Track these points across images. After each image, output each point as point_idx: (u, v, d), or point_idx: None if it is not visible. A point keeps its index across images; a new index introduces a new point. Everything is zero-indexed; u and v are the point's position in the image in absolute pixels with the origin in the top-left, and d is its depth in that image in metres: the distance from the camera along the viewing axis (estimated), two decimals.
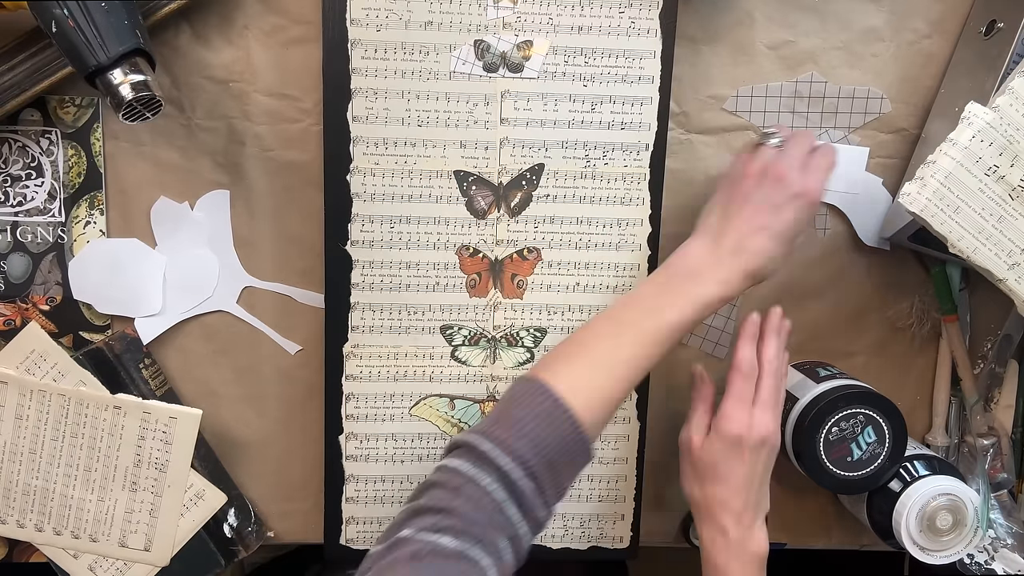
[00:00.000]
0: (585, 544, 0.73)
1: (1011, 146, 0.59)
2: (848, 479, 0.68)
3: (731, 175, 0.62)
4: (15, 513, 0.68)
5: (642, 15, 0.65)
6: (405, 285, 0.68)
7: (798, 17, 0.69)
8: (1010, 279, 0.61)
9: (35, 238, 0.68)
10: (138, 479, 0.68)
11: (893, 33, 0.70)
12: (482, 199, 0.67)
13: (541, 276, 0.69)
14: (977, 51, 0.67)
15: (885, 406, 0.68)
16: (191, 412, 0.68)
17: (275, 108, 0.68)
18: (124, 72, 0.55)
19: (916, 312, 0.74)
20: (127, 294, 0.69)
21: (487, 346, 0.69)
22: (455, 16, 0.64)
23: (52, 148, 0.67)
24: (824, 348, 0.75)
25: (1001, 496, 0.74)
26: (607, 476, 0.72)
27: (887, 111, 0.71)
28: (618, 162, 0.67)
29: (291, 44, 0.67)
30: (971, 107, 0.59)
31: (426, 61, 0.65)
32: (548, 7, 0.65)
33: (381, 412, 0.70)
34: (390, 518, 0.70)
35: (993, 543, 0.73)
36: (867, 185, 0.72)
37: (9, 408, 0.67)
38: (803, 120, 0.71)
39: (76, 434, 0.67)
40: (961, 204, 0.60)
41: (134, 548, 0.69)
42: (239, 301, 0.70)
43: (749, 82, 0.70)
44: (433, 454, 0.70)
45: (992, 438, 0.73)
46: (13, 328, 0.68)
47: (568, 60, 0.66)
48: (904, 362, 0.75)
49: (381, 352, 0.69)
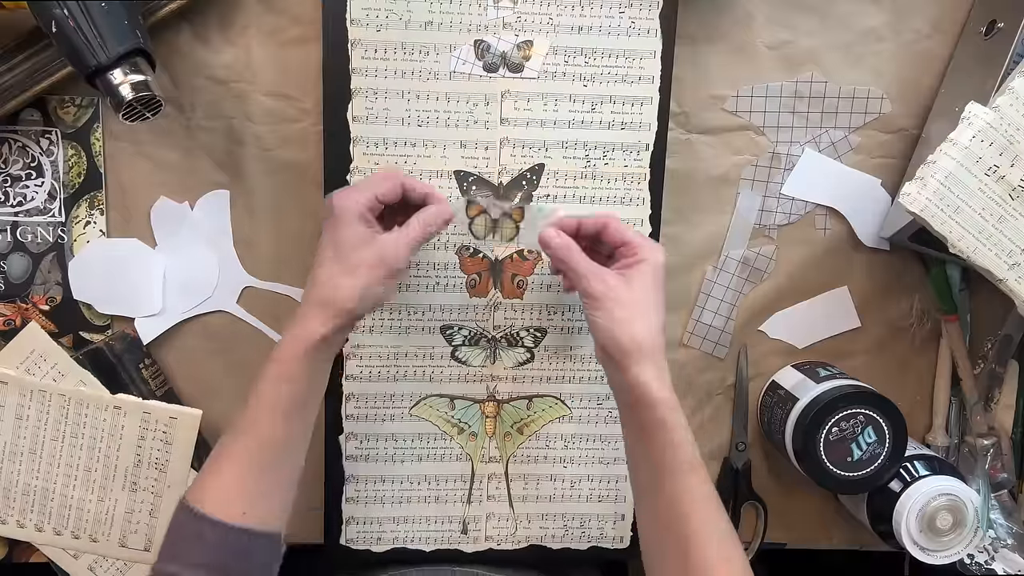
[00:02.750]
0: (585, 544, 0.73)
1: (1011, 146, 0.59)
2: (848, 479, 0.68)
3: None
4: (15, 513, 0.68)
5: (642, 15, 0.65)
6: (405, 285, 0.68)
7: (798, 17, 0.69)
8: (1010, 279, 0.61)
9: (35, 238, 0.68)
10: (138, 479, 0.68)
11: (893, 33, 0.70)
12: (482, 199, 0.67)
13: (541, 276, 0.69)
14: (977, 51, 0.67)
15: (885, 406, 0.68)
16: (191, 412, 0.68)
17: (275, 108, 0.68)
18: (124, 72, 0.55)
19: (916, 312, 0.74)
20: (127, 294, 0.69)
21: (487, 346, 0.69)
22: (455, 16, 0.64)
23: (52, 148, 0.67)
24: (824, 348, 0.75)
25: (1001, 496, 0.74)
26: (607, 476, 0.72)
27: (887, 111, 0.71)
28: (618, 162, 0.67)
29: (291, 44, 0.67)
30: (971, 107, 0.59)
31: (426, 61, 0.65)
32: (548, 7, 0.65)
33: (381, 412, 0.70)
34: (390, 518, 0.71)
35: (993, 543, 0.73)
36: (867, 185, 0.72)
37: (9, 408, 0.67)
38: (803, 120, 0.71)
39: (76, 434, 0.67)
40: (961, 204, 0.60)
41: (134, 548, 0.69)
42: (239, 301, 0.70)
43: (749, 82, 0.70)
44: (433, 454, 0.70)
45: (992, 438, 0.73)
46: (13, 328, 0.68)
47: (568, 60, 0.66)
48: (904, 362, 0.75)
49: (381, 352, 0.69)
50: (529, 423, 0.71)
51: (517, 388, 0.70)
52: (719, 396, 0.75)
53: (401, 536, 0.71)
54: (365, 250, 0.57)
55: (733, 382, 0.75)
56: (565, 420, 0.71)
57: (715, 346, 0.74)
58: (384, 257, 0.57)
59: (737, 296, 0.73)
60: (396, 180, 0.59)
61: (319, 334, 0.56)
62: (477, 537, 0.72)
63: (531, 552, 0.72)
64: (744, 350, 0.74)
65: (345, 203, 0.57)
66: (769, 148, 0.71)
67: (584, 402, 0.71)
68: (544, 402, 0.70)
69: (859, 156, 0.72)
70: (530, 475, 0.71)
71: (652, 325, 0.57)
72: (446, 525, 0.72)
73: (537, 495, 0.72)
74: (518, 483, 0.71)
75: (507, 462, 0.71)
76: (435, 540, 0.72)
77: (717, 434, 0.75)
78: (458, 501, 0.71)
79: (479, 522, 0.72)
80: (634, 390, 0.56)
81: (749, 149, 0.71)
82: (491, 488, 0.71)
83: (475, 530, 0.72)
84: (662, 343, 0.58)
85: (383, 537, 0.71)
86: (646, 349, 0.56)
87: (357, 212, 0.57)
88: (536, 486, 0.71)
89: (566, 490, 0.72)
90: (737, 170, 0.71)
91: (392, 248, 0.57)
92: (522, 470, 0.71)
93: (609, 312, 0.57)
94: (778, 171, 0.71)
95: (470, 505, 0.71)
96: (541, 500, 0.72)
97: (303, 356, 0.56)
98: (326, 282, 0.57)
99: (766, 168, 0.71)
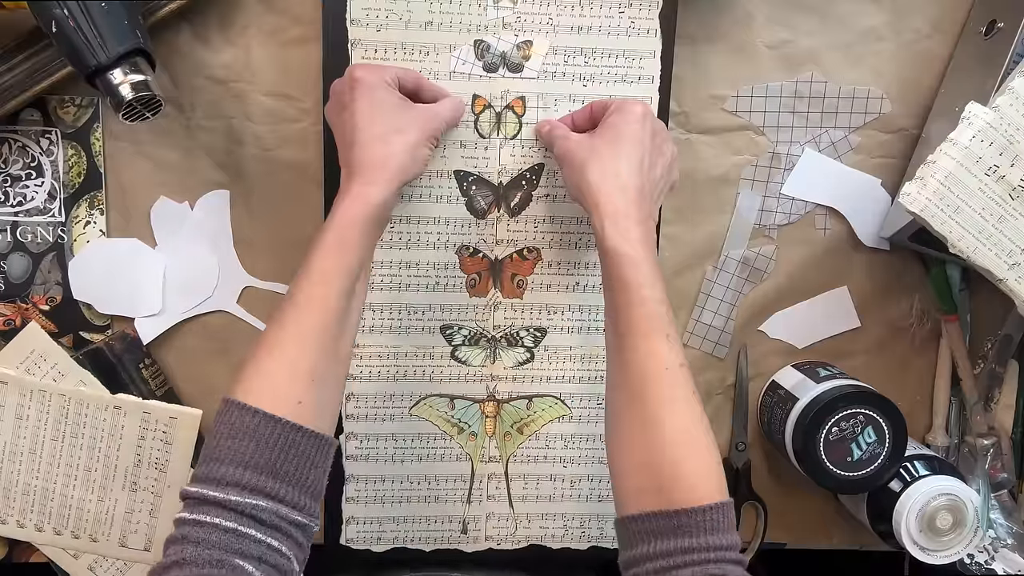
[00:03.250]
0: (585, 544, 0.73)
1: (1011, 146, 0.59)
2: (848, 479, 0.68)
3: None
4: (15, 513, 0.68)
5: (642, 15, 0.65)
6: (405, 285, 0.68)
7: (798, 17, 0.69)
8: (1010, 279, 0.61)
9: (35, 238, 0.68)
10: (138, 479, 0.68)
11: (893, 33, 0.70)
12: (482, 199, 0.67)
13: (541, 276, 0.69)
14: (977, 51, 0.67)
15: (885, 406, 0.68)
16: (191, 412, 0.68)
17: (275, 108, 0.68)
18: (124, 72, 0.55)
19: (916, 312, 0.74)
20: (127, 294, 0.69)
21: (487, 346, 0.69)
22: (455, 16, 0.64)
23: (52, 148, 0.67)
24: (824, 348, 0.75)
25: (1001, 496, 0.74)
26: (607, 476, 0.71)
27: (887, 111, 0.71)
28: None
29: (291, 44, 0.67)
30: (971, 107, 0.59)
31: (426, 61, 0.65)
32: (548, 7, 0.65)
33: (381, 412, 0.70)
34: (390, 518, 0.71)
35: (993, 543, 0.73)
36: (867, 185, 0.72)
37: (9, 408, 0.67)
38: (803, 119, 0.71)
39: (76, 434, 0.67)
40: (961, 204, 0.60)
41: (134, 548, 0.69)
42: (239, 301, 0.70)
43: (749, 82, 0.70)
44: (433, 454, 0.70)
45: (992, 438, 0.73)
46: (13, 328, 0.68)
47: (568, 60, 0.66)
48: (904, 362, 0.75)
49: (381, 352, 0.69)
50: (529, 423, 0.71)
51: (517, 388, 0.70)
52: (719, 396, 0.75)
53: (401, 536, 0.71)
54: (408, 111, 0.56)
55: (733, 382, 0.75)
56: (565, 420, 0.71)
57: (715, 346, 0.74)
58: (428, 119, 0.57)
59: (737, 296, 0.73)
60: (415, 74, 0.60)
61: (380, 197, 0.54)
62: (477, 537, 0.72)
63: (531, 552, 0.72)
64: (744, 350, 0.74)
65: (373, 75, 0.56)
66: (769, 148, 0.71)
67: (584, 402, 0.71)
68: (544, 402, 0.70)
69: (859, 156, 0.72)
70: (530, 475, 0.71)
71: (608, 170, 0.56)
72: (446, 525, 0.72)
73: (537, 495, 0.72)
74: (518, 483, 0.71)
75: (507, 462, 0.71)
76: (435, 540, 0.72)
77: (717, 434, 0.74)
78: (458, 501, 0.71)
79: (479, 522, 0.72)
80: (597, 240, 0.55)
81: (749, 149, 0.71)
82: (491, 488, 0.71)
83: (475, 530, 0.72)
84: (630, 191, 0.55)
85: (383, 537, 0.71)
86: (605, 194, 0.55)
87: (387, 81, 0.56)
88: (536, 486, 0.71)
89: (566, 490, 0.72)
90: (737, 170, 0.71)
91: (432, 113, 0.57)
92: (522, 470, 0.71)
93: (570, 164, 0.58)
94: (778, 171, 0.71)
95: (470, 505, 0.71)
96: (541, 500, 0.72)
97: (361, 223, 0.53)
98: (372, 142, 0.55)
99: (766, 168, 0.71)
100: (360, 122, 0.55)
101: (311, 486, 0.50)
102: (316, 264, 0.53)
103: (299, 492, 0.49)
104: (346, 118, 0.56)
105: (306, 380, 0.51)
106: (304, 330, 0.52)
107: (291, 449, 0.49)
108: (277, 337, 0.52)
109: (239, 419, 0.49)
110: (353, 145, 0.55)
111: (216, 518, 0.47)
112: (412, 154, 0.56)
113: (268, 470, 0.48)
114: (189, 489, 0.48)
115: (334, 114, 0.59)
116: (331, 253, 0.53)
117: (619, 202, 0.55)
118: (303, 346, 0.51)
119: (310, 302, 0.52)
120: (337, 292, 0.53)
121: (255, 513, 0.47)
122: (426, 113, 0.57)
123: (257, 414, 0.49)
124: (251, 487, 0.48)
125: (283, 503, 0.49)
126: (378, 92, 0.56)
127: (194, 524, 0.47)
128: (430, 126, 0.57)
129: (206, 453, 0.49)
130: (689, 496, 0.49)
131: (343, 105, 0.57)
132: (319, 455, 0.51)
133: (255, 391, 0.50)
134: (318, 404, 0.52)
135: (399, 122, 0.56)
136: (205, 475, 0.48)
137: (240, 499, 0.47)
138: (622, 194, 0.55)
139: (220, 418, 0.50)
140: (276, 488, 0.48)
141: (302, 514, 0.49)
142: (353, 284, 0.54)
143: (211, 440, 0.50)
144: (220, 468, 0.48)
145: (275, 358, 0.51)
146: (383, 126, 0.55)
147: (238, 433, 0.49)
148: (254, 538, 0.47)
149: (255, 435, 0.49)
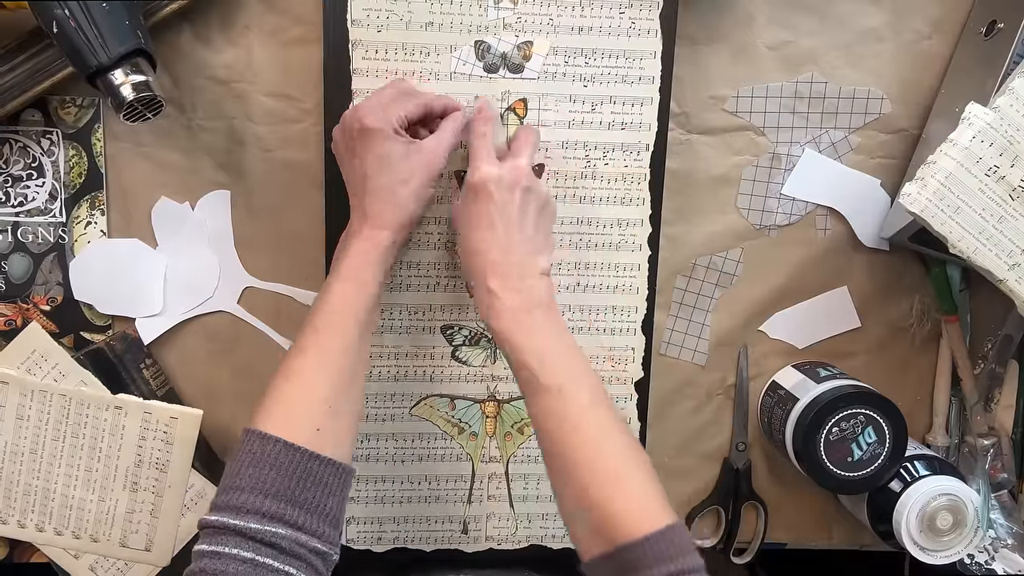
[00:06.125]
0: None
1: (1011, 146, 0.59)
2: (848, 479, 0.68)
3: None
4: (16, 513, 0.68)
5: (642, 15, 0.65)
6: (405, 285, 0.68)
7: (798, 17, 0.69)
8: (1010, 279, 0.61)
9: (36, 238, 0.68)
10: (139, 479, 0.68)
11: (893, 33, 0.70)
12: None
13: None
14: (977, 51, 0.67)
15: (885, 406, 0.68)
16: (192, 412, 0.68)
17: (276, 108, 0.68)
18: (125, 72, 0.55)
19: (916, 312, 0.74)
20: (128, 294, 0.69)
21: (487, 346, 0.69)
22: (456, 17, 0.64)
23: (53, 148, 0.67)
24: (824, 348, 0.75)
25: (1001, 496, 0.74)
26: None
27: (887, 111, 0.71)
28: (618, 162, 0.67)
29: (292, 44, 0.67)
30: (971, 107, 0.59)
31: (427, 62, 0.65)
32: (548, 8, 0.65)
33: (381, 412, 0.70)
34: (390, 518, 0.71)
35: (993, 543, 0.73)
36: (867, 185, 0.72)
37: (10, 408, 0.67)
38: (803, 120, 0.71)
39: (77, 434, 0.67)
40: (961, 204, 0.60)
41: (135, 548, 0.69)
42: (240, 301, 0.70)
43: (749, 82, 0.70)
44: (434, 454, 0.70)
45: (992, 438, 0.73)
46: (14, 328, 0.68)
47: (568, 61, 0.66)
48: (904, 362, 0.75)
49: (381, 352, 0.69)
50: (529, 423, 0.71)
51: (517, 388, 0.70)
52: (719, 396, 0.75)
53: (402, 536, 0.71)
54: (412, 158, 0.59)
55: (733, 382, 0.75)
56: None
57: (694, 353, 0.74)
58: (431, 162, 0.59)
59: (709, 302, 0.73)
60: (419, 100, 0.61)
61: (390, 240, 0.58)
62: (477, 537, 0.72)
63: (531, 552, 0.72)
64: (744, 350, 0.74)
65: (378, 124, 0.58)
66: (769, 148, 0.71)
67: None
68: None
69: (859, 156, 0.72)
70: (530, 475, 0.71)
71: (467, 244, 0.59)
72: (446, 525, 0.72)
73: (537, 495, 0.72)
74: (518, 483, 0.71)
75: (507, 462, 0.71)
76: (435, 540, 0.72)
77: (717, 434, 0.75)
78: (458, 501, 0.71)
79: (479, 522, 0.72)
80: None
81: (749, 149, 0.71)
82: (491, 488, 0.71)
83: (475, 530, 0.72)
84: (494, 260, 0.57)
85: (383, 537, 0.71)
86: (476, 270, 0.58)
87: (393, 128, 0.58)
88: (536, 486, 0.71)
89: None
90: (737, 170, 0.71)
91: (434, 154, 0.60)
92: (522, 470, 0.71)
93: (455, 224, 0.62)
94: (778, 171, 0.71)
95: (470, 505, 0.72)
96: (541, 500, 0.72)
97: (374, 263, 0.57)
98: (381, 191, 0.58)
99: (766, 168, 0.71)
100: (370, 172, 0.58)
101: (330, 513, 0.52)
102: (331, 299, 0.56)
103: (318, 520, 0.51)
104: (356, 165, 0.59)
105: (323, 406, 0.53)
106: (324, 354, 0.54)
107: (309, 477, 0.51)
108: (297, 364, 0.54)
109: (260, 448, 0.51)
110: (364, 194, 0.59)
111: (234, 548, 0.47)
112: (417, 200, 0.59)
113: (287, 498, 0.50)
114: (208, 518, 0.49)
115: (344, 156, 0.61)
116: (346, 289, 0.57)
117: (485, 273, 0.58)
118: (321, 371, 0.54)
119: (327, 329, 0.55)
120: (353, 321, 0.56)
121: (274, 541, 0.48)
122: (429, 156, 0.59)
123: (278, 443, 0.51)
124: (271, 515, 0.49)
125: (302, 531, 0.50)
126: (386, 144, 0.58)
127: (212, 556, 0.47)
128: (434, 168, 0.60)
129: (225, 483, 0.51)
130: (628, 531, 0.49)
131: (352, 152, 0.59)
132: (337, 483, 0.52)
133: (274, 418, 0.52)
134: (336, 431, 0.53)
135: (404, 172, 0.59)
136: (224, 503, 0.49)
137: (260, 527, 0.48)
138: (492, 269, 0.58)
139: (241, 447, 0.51)
140: (295, 516, 0.50)
141: (321, 541, 0.50)
142: (369, 315, 0.57)
143: (231, 468, 0.51)
144: (239, 496, 0.49)
145: (293, 384, 0.54)
146: (390, 177, 0.58)
147: (258, 461, 0.50)
148: (271, 567, 0.48)
149: (275, 463, 0.50)
